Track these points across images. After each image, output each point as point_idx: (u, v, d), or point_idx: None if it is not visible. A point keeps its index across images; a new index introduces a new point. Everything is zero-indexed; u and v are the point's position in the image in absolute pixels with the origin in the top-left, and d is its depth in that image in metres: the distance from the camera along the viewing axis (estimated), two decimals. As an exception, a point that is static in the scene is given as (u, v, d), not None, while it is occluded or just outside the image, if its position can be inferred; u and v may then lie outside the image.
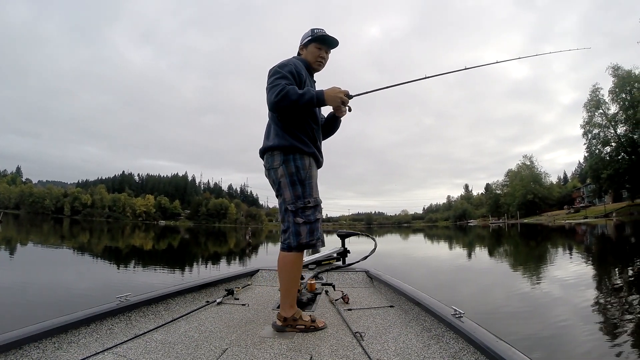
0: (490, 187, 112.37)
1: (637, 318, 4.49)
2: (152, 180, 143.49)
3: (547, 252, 13.63)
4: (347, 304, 2.67)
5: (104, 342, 1.83)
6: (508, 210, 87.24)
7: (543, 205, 77.61)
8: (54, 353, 1.67)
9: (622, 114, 44.47)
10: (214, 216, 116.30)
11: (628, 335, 3.80)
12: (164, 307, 2.44)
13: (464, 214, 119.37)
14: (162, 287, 2.63)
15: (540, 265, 9.92)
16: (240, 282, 3.37)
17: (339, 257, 4.15)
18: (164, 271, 9.88)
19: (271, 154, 2.14)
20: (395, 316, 2.36)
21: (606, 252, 13.04)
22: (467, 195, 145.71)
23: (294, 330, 2.03)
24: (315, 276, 3.38)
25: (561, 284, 6.92)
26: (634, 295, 5.63)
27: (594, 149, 47.71)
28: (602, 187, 47.28)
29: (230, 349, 1.76)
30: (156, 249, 17.99)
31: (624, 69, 44.42)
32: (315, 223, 2.08)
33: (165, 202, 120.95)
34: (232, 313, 2.47)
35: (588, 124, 47.96)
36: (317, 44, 2.29)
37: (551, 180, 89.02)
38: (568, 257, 11.64)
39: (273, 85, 2.00)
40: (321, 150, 2.32)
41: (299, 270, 2.14)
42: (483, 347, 1.46)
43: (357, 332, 1.98)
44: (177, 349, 1.78)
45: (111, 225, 59.43)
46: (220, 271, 9.41)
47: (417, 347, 1.80)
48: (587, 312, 4.84)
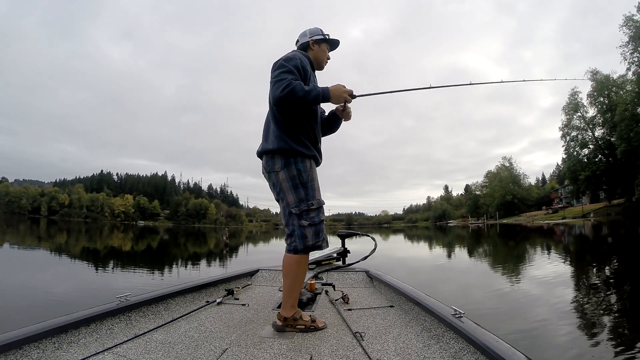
0: (470, 188, 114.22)
1: (614, 315, 4.61)
2: (131, 179, 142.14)
3: (526, 252, 13.70)
4: (347, 304, 2.66)
5: (104, 342, 1.82)
6: (487, 210, 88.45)
7: (522, 206, 78.90)
8: (54, 353, 1.66)
9: (600, 117, 45.39)
10: (194, 216, 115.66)
11: (605, 331, 3.92)
12: (164, 307, 2.44)
13: (443, 214, 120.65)
14: (155, 288, 2.58)
15: (519, 265, 10.01)
16: (240, 282, 3.37)
17: (339, 257, 4.16)
18: (140, 274, 9.47)
19: (271, 157, 2.10)
20: (395, 316, 2.35)
21: (584, 251, 13.25)
22: (447, 196, 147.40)
23: (294, 330, 2.02)
24: (315, 276, 3.40)
25: (540, 282, 6.93)
26: (611, 293, 5.82)
27: (572, 151, 48.47)
28: (580, 188, 48.09)
29: (230, 349, 1.75)
30: (135, 250, 17.60)
31: (602, 74, 45.30)
32: (319, 224, 2.08)
33: (144, 202, 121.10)
34: (232, 313, 2.46)
35: (567, 127, 48.76)
36: (328, 45, 2.38)
37: (530, 181, 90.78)
38: (546, 257, 11.75)
39: (279, 79, 1.95)
40: (321, 150, 2.30)
41: (304, 271, 2.14)
42: (483, 347, 1.45)
43: (357, 332, 1.97)
44: (177, 349, 1.77)
45: (89, 225, 58.55)
46: (190, 275, 9.18)
47: (417, 347, 1.79)
48: (566, 310, 4.87)
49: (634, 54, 37.84)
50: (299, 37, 2.40)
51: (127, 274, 9.37)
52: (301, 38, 2.38)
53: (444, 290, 6.73)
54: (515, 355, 1.34)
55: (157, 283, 7.80)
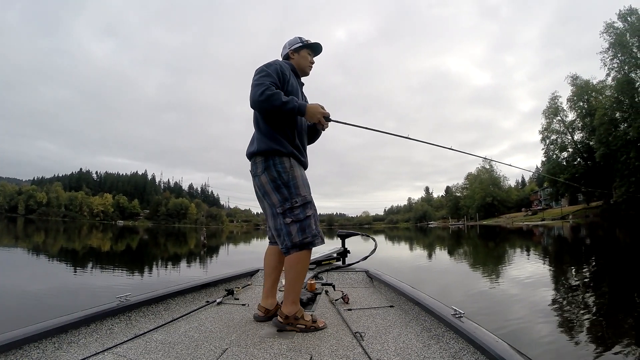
0: (451, 189, 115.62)
1: (591, 313, 4.71)
2: (111, 178, 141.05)
3: (505, 253, 13.76)
4: (347, 304, 2.65)
5: (104, 342, 1.83)
6: (468, 212, 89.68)
7: (502, 208, 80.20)
8: (54, 353, 1.66)
9: (579, 121, 46.31)
10: (174, 216, 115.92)
11: (583, 328, 4.01)
12: (164, 307, 2.43)
13: (424, 215, 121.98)
14: (154, 289, 2.55)
15: (499, 265, 10.05)
16: (240, 282, 3.38)
17: (339, 257, 4.16)
18: (115, 276, 9.07)
19: (254, 161, 2.18)
20: (395, 316, 2.34)
21: (563, 252, 13.35)
22: (428, 198, 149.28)
23: (294, 330, 2.01)
24: (315, 276, 3.40)
25: (519, 282, 6.97)
26: (589, 292, 5.91)
27: (551, 154, 49.24)
28: (559, 190, 48.98)
29: (230, 349, 1.75)
30: (114, 251, 16.97)
31: (582, 79, 46.28)
32: (305, 220, 2.07)
33: (123, 202, 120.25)
34: (232, 313, 2.45)
35: (546, 130, 49.54)
36: (308, 50, 2.48)
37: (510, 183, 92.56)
38: (526, 257, 11.80)
39: (258, 82, 2.05)
40: (302, 150, 2.30)
41: (305, 268, 2.11)
42: (483, 347, 1.46)
43: (357, 332, 1.96)
44: (177, 349, 1.77)
45: (67, 225, 58.05)
46: (163, 278, 8.91)
47: (417, 347, 1.79)
48: (545, 308, 4.93)
49: (613, 60, 38.52)
50: (282, 50, 2.51)
51: (103, 275, 9.01)
52: (283, 50, 2.50)
53: (425, 291, 6.38)
54: (515, 355, 1.33)
55: (129, 286, 7.44)
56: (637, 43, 36.03)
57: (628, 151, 34.35)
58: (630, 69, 36.65)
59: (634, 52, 36.36)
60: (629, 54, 36.57)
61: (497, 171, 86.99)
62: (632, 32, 36.31)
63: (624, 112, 37.07)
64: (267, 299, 2.31)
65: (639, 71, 36.08)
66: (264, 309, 2.28)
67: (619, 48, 37.28)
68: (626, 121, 36.60)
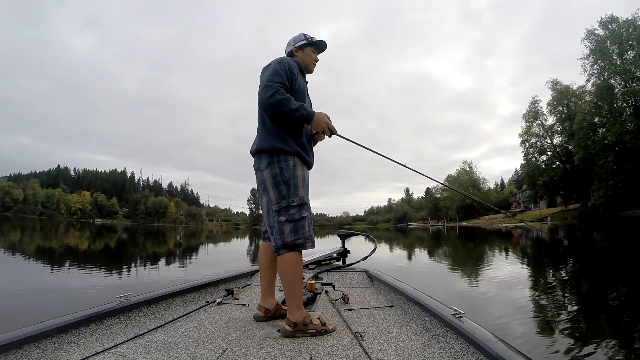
0: (430, 191, 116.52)
1: (568, 311, 4.83)
2: (89, 175, 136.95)
3: (484, 254, 13.86)
4: (347, 304, 2.66)
5: (104, 342, 1.83)
6: (447, 213, 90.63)
7: (481, 210, 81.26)
8: (54, 353, 1.66)
9: (558, 125, 47.11)
10: (153, 215, 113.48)
11: (560, 326, 4.09)
12: (164, 307, 2.43)
13: (404, 216, 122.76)
14: (156, 288, 2.56)
15: (477, 265, 10.12)
16: (240, 282, 3.39)
17: (339, 257, 4.16)
18: (84, 275, 8.63)
19: (259, 157, 2.17)
20: (395, 316, 2.35)
21: (541, 253, 13.54)
22: (408, 199, 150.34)
23: (305, 335, 1.96)
24: (315, 276, 3.40)
25: (497, 282, 7.04)
26: (566, 291, 6.10)
27: (531, 157, 50.08)
28: (537, 193, 49.88)
29: (230, 349, 1.76)
30: (92, 250, 16.32)
31: (562, 84, 47.19)
32: (299, 221, 2.06)
33: (102, 200, 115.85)
34: (232, 313, 2.46)
35: (526, 134, 50.29)
36: (313, 48, 2.46)
37: (489, 185, 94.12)
38: (504, 258, 12.01)
39: (269, 83, 2.03)
40: (308, 149, 2.29)
41: (300, 270, 2.09)
42: (483, 347, 1.46)
43: (357, 332, 1.97)
44: (177, 349, 1.77)
45: (44, 223, 57.36)
46: (132, 279, 8.51)
47: (417, 347, 1.79)
48: (522, 307, 4.99)
49: (594, 66, 39.38)
50: (286, 47, 2.49)
51: (74, 275, 8.64)
52: (287, 47, 2.48)
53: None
54: (515, 356, 1.34)
55: (99, 287, 7.02)
56: (617, 50, 36.89)
57: (606, 155, 35.08)
58: (610, 75, 37.54)
59: (614, 59, 37.25)
60: (609, 60, 37.46)
61: (476, 173, 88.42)
62: (612, 39, 37.14)
63: (603, 117, 37.89)
64: (267, 299, 2.30)
65: (618, 77, 36.96)
66: (263, 309, 2.28)
67: (599, 54, 38.11)
68: (605, 126, 37.45)
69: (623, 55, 36.65)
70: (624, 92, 36.81)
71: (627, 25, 36.23)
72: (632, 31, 35.63)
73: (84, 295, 6.06)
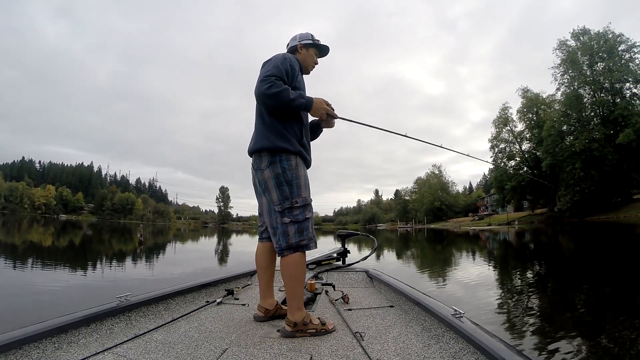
0: (400, 193, 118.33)
1: (533, 310, 5.05)
2: (55, 169, 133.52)
3: (452, 256, 14.08)
4: (347, 304, 2.64)
5: (104, 342, 1.83)
6: (416, 215, 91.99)
7: (449, 212, 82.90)
8: (54, 353, 1.66)
9: (527, 131, 48.19)
10: (119, 211, 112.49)
11: (525, 325, 4.23)
12: (164, 307, 2.42)
13: (373, 217, 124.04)
14: (160, 287, 2.57)
15: (444, 267, 10.25)
16: (240, 282, 3.37)
17: (339, 257, 4.15)
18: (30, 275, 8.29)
19: (259, 155, 2.11)
20: (395, 316, 2.34)
21: (507, 255, 13.84)
22: (377, 200, 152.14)
23: (305, 335, 1.95)
24: (315, 276, 3.40)
25: (463, 283, 7.17)
26: (532, 293, 6.29)
27: (499, 162, 50.78)
28: (505, 197, 50.72)
29: (230, 349, 1.76)
30: (54, 247, 15.58)
31: (532, 92, 48.30)
32: (303, 222, 2.04)
33: (67, 194, 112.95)
34: (232, 313, 2.46)
35: (496, 139, 51.13)
36: (316, 50, 2.46)
37: (457, 189, 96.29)
38: (471, 260, 12.26)
39: (267, 75, 1.99)
40: (308, 149, 2.30)
41: (303, 271, 2.09)
42: (483, 347, 1.47)
43: (357, 332, 1.97)
44: (177, 349, 1.77)
45: (7, 217, 56.95)
46: (79, 280, 7.98)
47: (417, 347, 1.79)
48: (488, 307, 5.14)
49: (564, 75, 40.32)
50: (289, 41, 2.46)
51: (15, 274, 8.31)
52: (291, 42, 2.44)
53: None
54: (515, 356, 1.35)
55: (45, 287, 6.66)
56: (588, 61, 37.86)
57: (574, 162, 35.85)
58: (579, 85, 38.44)
59: (584, 69, 38.23)
60: (579, 71, 38.41)
61: (446, 176, 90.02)
62: (583, 50, 38.11)
63: (571, 125, 38.81)
64: (266, 299, 2.28)
65: (587, 88, 37.89)
66: (263, 309, 2.26)
67: (570, 64, 39.04)
68: (573, 134, 38.38)
69: (593, 67, 37.67)
70: (592, 102, 37.89)
71: (599, 38, 37.28)
72: (603, 44, 36.69)
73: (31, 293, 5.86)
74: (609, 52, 36.25)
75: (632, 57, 35.56)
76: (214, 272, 3.63)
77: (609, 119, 35.66)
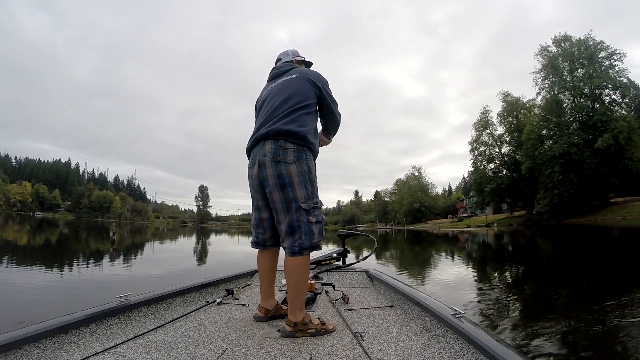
0: (380, 194, 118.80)
1: (512, 309, 5.14)
2: (31, 165, 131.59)
3: (431, 256, 14.14)
4: (347, 304, 2.63)
5: (104, 342, 1.82)
6: (395, 217, 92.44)
7: (429, 214, 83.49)
8: (54, 353, 1.65)
9: (507, 135, 48.69)
10: (97, 209, 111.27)
11: (505, 324, 4.31)
12: (164, 307, 2.41)
13: (352, 218, 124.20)
14: (153, 289, 2.52)
15: (424, 267, 10.33)
16: (240, 282, 3.36)
17: (339, 257, 4.12)
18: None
19: (281, 146, 1.96)
20: (395, 316, 2.33)
21: (486, 256, 14.03)
22: (357, 201, 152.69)
23: (305, 335, 1.93)
24: (315, 276, 3.37)
25: (444, 284, 7.21)
26: (511, 292, 6.30)
27: (479, 164, 51.37)
28: (484, 199, 51.12)
29: (230, 349, 1.75)
30: (26, 245, 15.29)
31: (513, 96, 48.93)
32: (322, 223, 2.05)
33: (43, 191, 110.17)
34: (232, 313, 2.45)
35: (476, 142, 51.56)
36: (304, 66, 2.47)
37: (437, 191, 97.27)
38: (450, 261, 12.35)
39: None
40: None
41: (307, 272, 2.09)
42: (483, 347, 1.47)
43: (357, 332, 1.95)
44: (177, 349, 1.77)
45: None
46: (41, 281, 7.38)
47: (417, 347, 1.79)
48: (467, 306, 5.15)
49: (545, 80, 41.10)
50: (282, 56, 2.44)
51: None
52: (284, 56, 2.43)
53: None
54: (515, 356, 1.35)
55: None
56: (568, 67, 38.53)
57: (553, 165, 36.34)
58: (559, 90, 39.18)
59: (564, 75, 38.87)
60: (560, 76, 39.08)
61: (425, 178, 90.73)
62: (564, 56, 38.85)
63: (551, 129, 39.42)
64: (267, 300, 2.23)
65: (567, 93, 38.64)
66: (264, 309, 2.21)
67: (551, 70, 39.71)
68: (552, 138, 38.94)
69: (573, 73, 38.36)
70: (572, 107, 38.64)
71: (580, 45, 37.99)
72: (584, 50, 37.42)
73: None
74: (589, 59, 36.95)
75: (612, 64, 36.47)
76: (214, 272, 3.45)
77: (588, 124, 36.37)
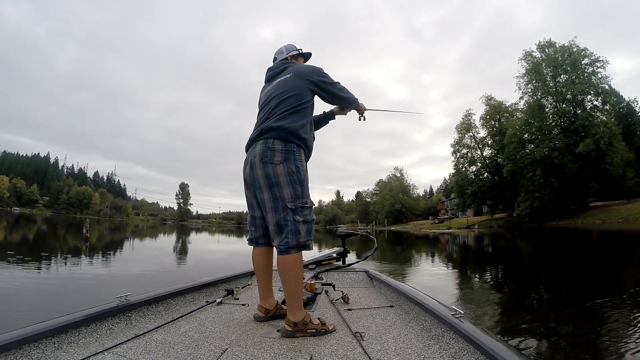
0: (361, 194, 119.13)
1: (494, 310, 5.03)
2: (9, 159, 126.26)
3: (412, 257, 14.08)
4: (347, 304, 2.63)
5: (104, 342, 1.82)
6: (376, 217, 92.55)
7: (410, 215, 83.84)
8: (54, 353, 1.66)
9: (489, 138, 49.15)
10: (76, 205, 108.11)
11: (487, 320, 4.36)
12: (164, 307, 2.40)
13: (334, 218, 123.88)
14: (154, 289, 2.51)
15: (404, 267, 10.21)
16: (240, 282, 3.37)
17: (339, 257, 4.14)
18: None
19: (269, 146, 2.00)
20: (395, 316, 2.34)
21: (466, 257, 14.05)
22: (338, 201, 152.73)
23: (305, 335, 1.93)
24: (315, 276, 3.38)
25: (424, 284, 7.09)
26: (492, 291, 6.45)
27: (461, 167, 51.71)
28: (465, 201, 51.48)
29: (230, 349, 1.75)
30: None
31: (496, 100, 49.38)
32: (311, 223, 2.05)
33: (21, 186, 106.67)
34: (232, 313, 2.44)
35: (458, 144, 51.88)
36: (302, 58, 2.53)
37: (418, 192, 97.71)
38: (430, 261, 12.44)
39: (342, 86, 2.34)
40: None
41: (302, 271, 2.07)
42: (483, 347, 1.48)
43: (357, 332, 1.96)
44: (177, 349, 1.77)
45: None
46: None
47: (417, 347, 1.79)
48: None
49: (528, 85, 41.54)
50: (276, 55, 2.48)
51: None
52: (278, 55, 2.46)
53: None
54: (515, 356, 1.36)
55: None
56: (552, 73, 38.97)
57: (534, 169, 36.65)
58: (542, 95, 39.60)
59: (547, 80, 39.31)
60: (543, 81, 39.51)
61: (407, 179, 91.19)
62: (548, 62, 39.26)
63: (533, 133, 39.77)
64: (266, 300, 2.24)
65: (550, 98, 39.10)
66: (263, 309, 2.21)
67: (534, 75, 40.10)
68: (534, 142, 39.28)
69: (556, 78, 38.84)
70: (554, 111, 39.13)
71: (563, 51, 38.47)
72: (567, 57, 37.89)
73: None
74: (572, 65, 37.44)
75: (595, 71, 36.99)
76: (214, 272, 3.37)
77: (569, 128, 36.80)
